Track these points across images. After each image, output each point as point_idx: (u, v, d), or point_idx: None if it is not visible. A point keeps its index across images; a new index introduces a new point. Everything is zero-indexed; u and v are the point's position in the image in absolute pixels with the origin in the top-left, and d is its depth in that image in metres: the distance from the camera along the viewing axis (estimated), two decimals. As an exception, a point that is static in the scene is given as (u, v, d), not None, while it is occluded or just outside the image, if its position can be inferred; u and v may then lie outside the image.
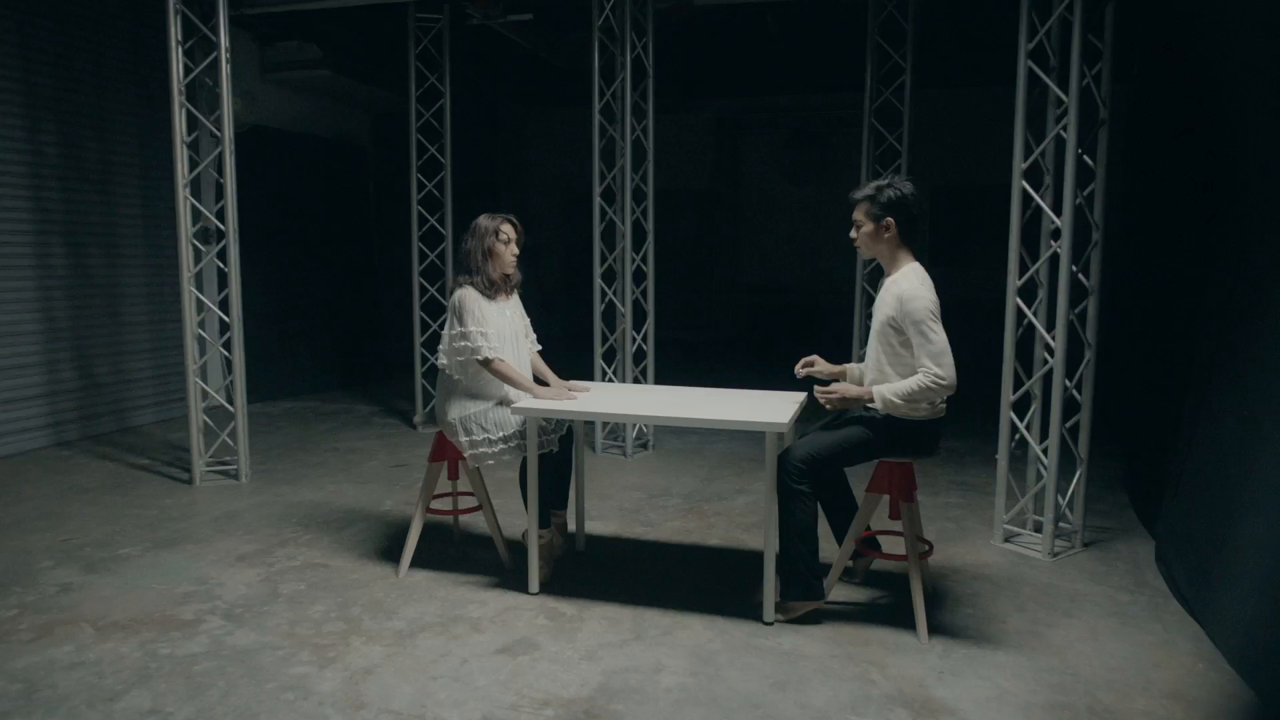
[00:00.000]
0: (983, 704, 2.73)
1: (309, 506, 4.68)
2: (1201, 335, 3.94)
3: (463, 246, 3.65)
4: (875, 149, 5.58)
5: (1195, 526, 3.50)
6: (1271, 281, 3.20)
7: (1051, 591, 3.59)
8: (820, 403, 3.22)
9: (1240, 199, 3.44)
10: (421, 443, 6.11)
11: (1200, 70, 3.70)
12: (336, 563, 3.89)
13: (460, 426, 3.59)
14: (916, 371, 3.08)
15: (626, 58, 5.40)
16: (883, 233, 3.18)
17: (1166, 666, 2.96)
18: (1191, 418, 3.82)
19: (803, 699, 2.77)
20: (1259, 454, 3.06)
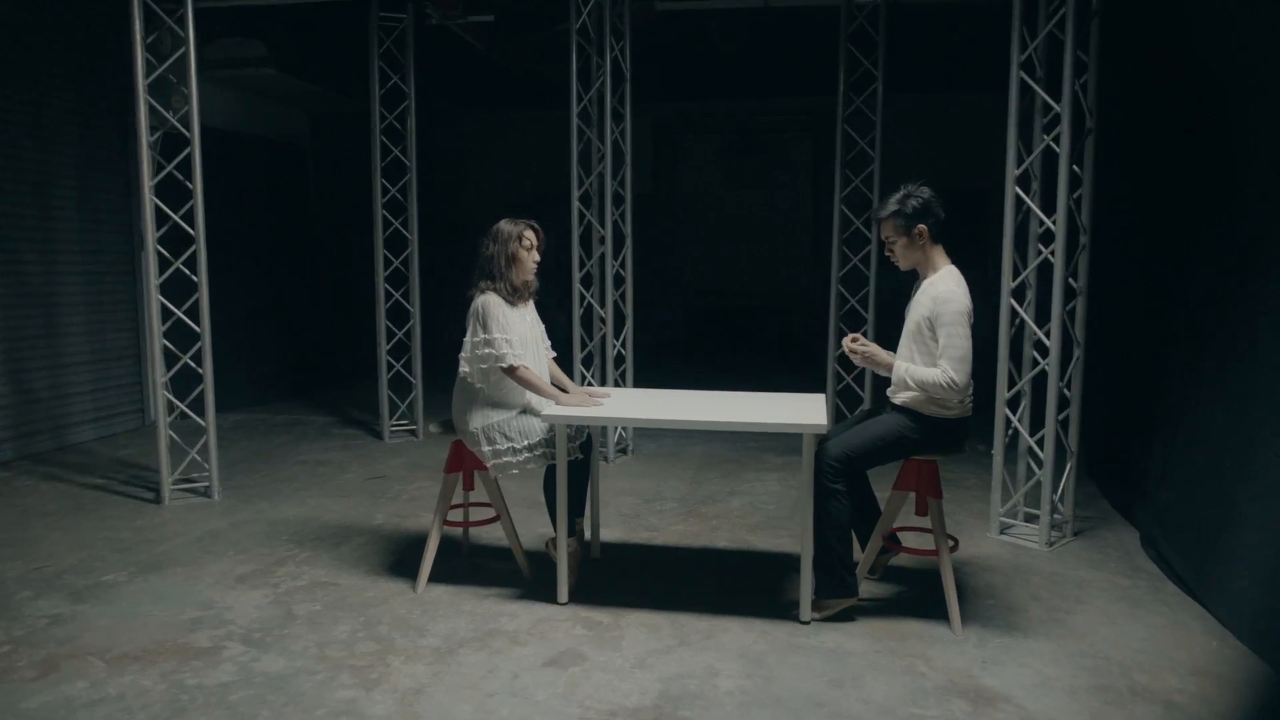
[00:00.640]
0: (1032, 690, 2.84)
1: (296, 523, 4.49)
2: (1175, 335, 4.18)
3: (483, 252, 3.58)
4: (846, 154, 5.71)
5: (1188, 514, 3.72)
6: (1260, 281, 3.43)
7: (1058, 580, 3.75)
8: (846, 351, 3.33)
9: (1234, 199, 3.67)
10: (391, 454, 5.95)
11: (1199, 71, 3.93)
12: (346, 580, 3.75)
13: (483, 436, 3.52)
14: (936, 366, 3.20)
15: (606, 60, 5.39)
16: (917, 240, 3.27)
17: (1184, 646, 3.14)
18: (1174, 413, 4.05)
19: (862, 694, 2.82)
20: (1257, 445, 3.27)
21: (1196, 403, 3.83)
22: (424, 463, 5.69)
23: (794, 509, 4.74)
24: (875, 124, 5.64)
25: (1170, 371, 4.20)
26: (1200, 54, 4.00)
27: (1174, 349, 4.18)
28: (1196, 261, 3.97)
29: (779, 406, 3.58)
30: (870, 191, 5.75)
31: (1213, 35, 3.95)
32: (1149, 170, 4.45)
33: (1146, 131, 4.32)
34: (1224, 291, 3.72)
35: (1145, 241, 4.44)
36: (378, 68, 6.03)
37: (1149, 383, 4.43)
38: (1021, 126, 4.13)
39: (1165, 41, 4.19)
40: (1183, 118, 4.08)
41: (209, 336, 4.84)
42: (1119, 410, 4.47)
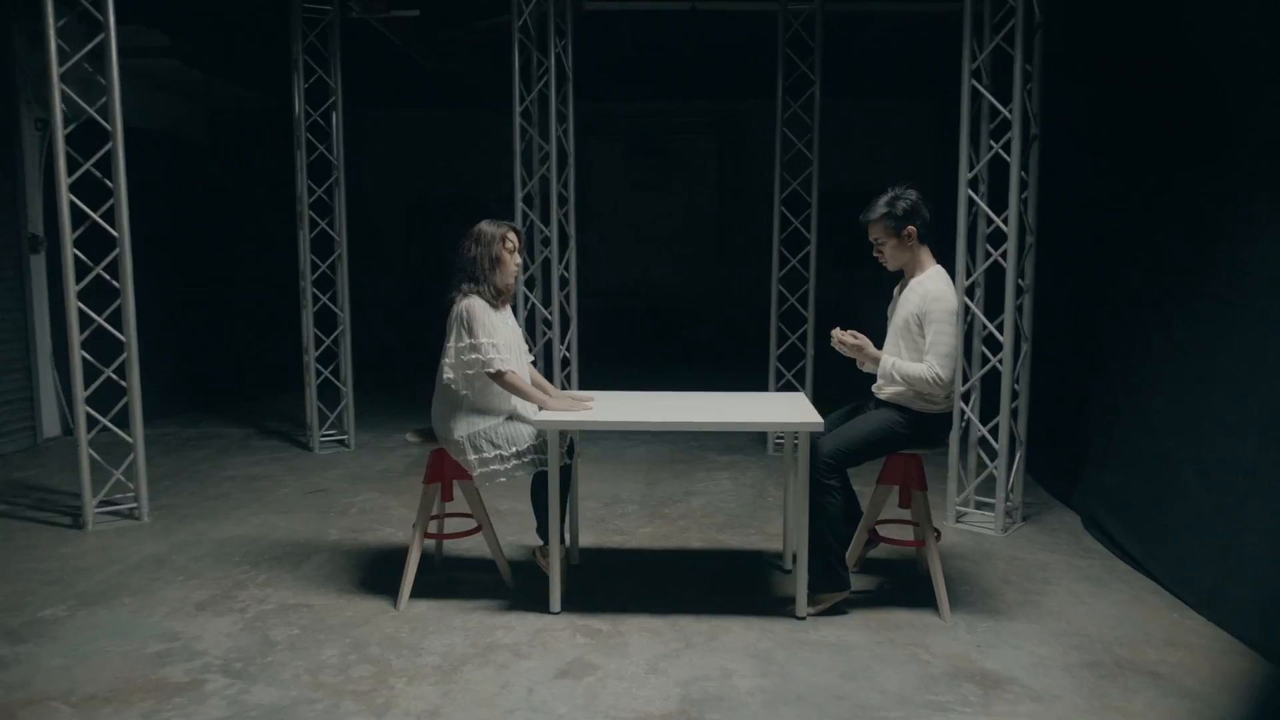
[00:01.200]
0: (1031, 670, 2.98)
1: (244, 543, 4.23)
2: (1109, 332, 4.46)
3: (464, 254, 3.46)
4: (784, 155, 5.83)
5: (1133, 495, 3.98)
6: (1199, 280, 3.71)
7: (1021, 564, 3.95)
8: (835, 341, 3.43)
9: (1169, 199, 3.96)
10: (324, 465, 5.67)
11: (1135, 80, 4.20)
12: (318, 601, 3.56)
13: (468, 444, 3.41)
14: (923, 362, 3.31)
15: (551, 59, 5.31)
16: (906, 241, 3.37)
17: (1150, 620, 3.36)
18: (1112, 403, 4.32)
19: (877, 685, 2.89)
20: (1205, 425, 3.54)
21: (1136, 393, 4.10)
22: (363, 474, 5.46)
23: (755, 507, 4.81)
24: (812, 127, 5.77)
25: (1104, 366, 4.48)
26: (1137, 63, 4.29)
27: (1108, 344, 4.47)
28: (1131, 259, 4.25)
29: (765, 406, 3.62)
30: (809, 195, 5.88)
31: (1141, 47, 4.25)
32: (1088, 174, 4.73)
33: (1086, 137, 4.60)
34: (1162, 289, 4.00)
35: (1083, 241, 4.72)
36: (302, 62, 5.73)
37: (1081, 377, 4.71)
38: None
39: (1104, 52, 4.47)
40: (1120, 124, 4.37)
41: (135, 346, 4.49)
42: (1053, 403, 4.73)
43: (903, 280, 3.53)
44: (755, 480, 5.33)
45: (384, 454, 5.95)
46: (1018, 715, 2.70)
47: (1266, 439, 3.20)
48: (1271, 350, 3.24)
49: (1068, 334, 4.76)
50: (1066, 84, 4.33)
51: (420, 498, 3.60)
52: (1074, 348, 4.76)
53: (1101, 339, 4.53)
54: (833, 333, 3.45)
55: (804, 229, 5.89)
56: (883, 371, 3.39)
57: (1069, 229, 4.75)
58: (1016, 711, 2.72)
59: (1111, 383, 4.38)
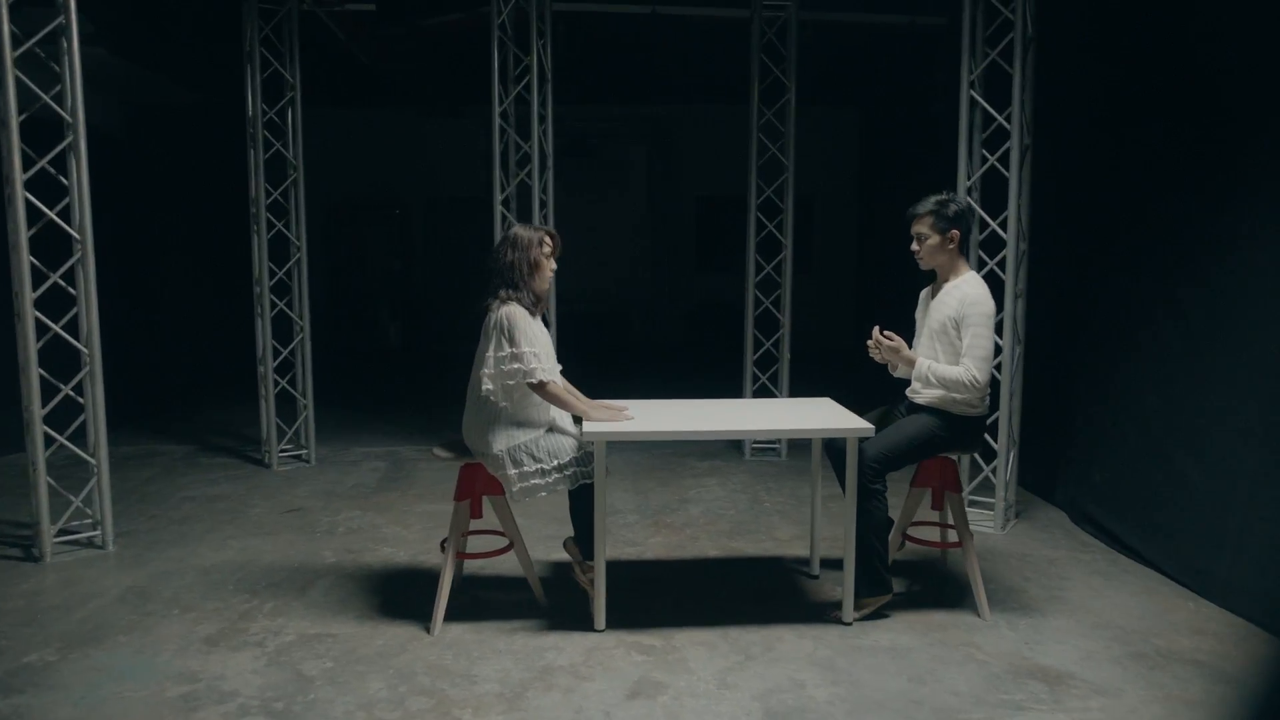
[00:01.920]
0: (1084, 664, 3.06)
1: (232, 570, 3.92)
2: (1092, 340, 4.66)
3: (501, 259, 3.32)
4: (759, 159, 5.86)
5: (1128, 489, 4.17)
6: (1188, 285, 3.92)
7: (1031, 560, 4.07)
8: (872, 343, 3.42)
9: (1155, 207, 4.17)
10: (289, 483, 5.34)
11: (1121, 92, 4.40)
12: (340, 629, 3.33)
13: (508, 458, 3.26)
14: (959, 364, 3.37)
15: (534, 58, 5.17)
16: (947, 244, 3.41)
17: (1170, 610, 3.52)
18: (1098, 405, 4.52)
19: (947, 687, 2.91)
20: (1206, 421, 3.74)
21: (1126, 391, 4.30)
22: (335, 491, 5.17)
23: (755, 513, 4.80)
24: (787, 134, 5.82)
25: (1086, 366, 4.69)
26: (1125, 73, 4.51)
27: (1090, 345, 4.67)
28: (1114, 262, 4.45)
29: (801, 412, 3.60)
30: (782, 201, 5.93)
31: (1128, 57, 4.47)
32: (1073, 180, 4.91)
33: (1077, 147, 4.79)
34: (1147, 290, 4.21)
35: (1065, 245, 4.91)
36: (260, 54, 5.39)
37: (1062, 377, 4.91)
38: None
39: (1093, 62, 4.67)
40: (1108, 131, 4.57)
41: (99, 357, 4.12)
42: (1033, 402, 4.91)
43: (933, 284, 3.58)
44: (743, 485, 5.32)
45: (349, 469, 5.66)
46: (1090, 710, 2.77)
47: (1268, 433, 3.41)
48: (1264, 347, 3.46)
49: (1047, 336, 4.95)
50: (1055, 93, 4.50)
51: (451, 516, 3.42)
52: (1053, 349, 4.96)
53: (1083, 340, 4.73)
54: (873, 331, 3.45)
55: (778, 233, 5.92)
56: (918, 374, 3.43)
57: (1052, 234, 4.93)
58: (1088, 706, 2.80)
59: (1096, 382, 4.57)
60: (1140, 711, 2.76)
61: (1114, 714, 2.75)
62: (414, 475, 5.50)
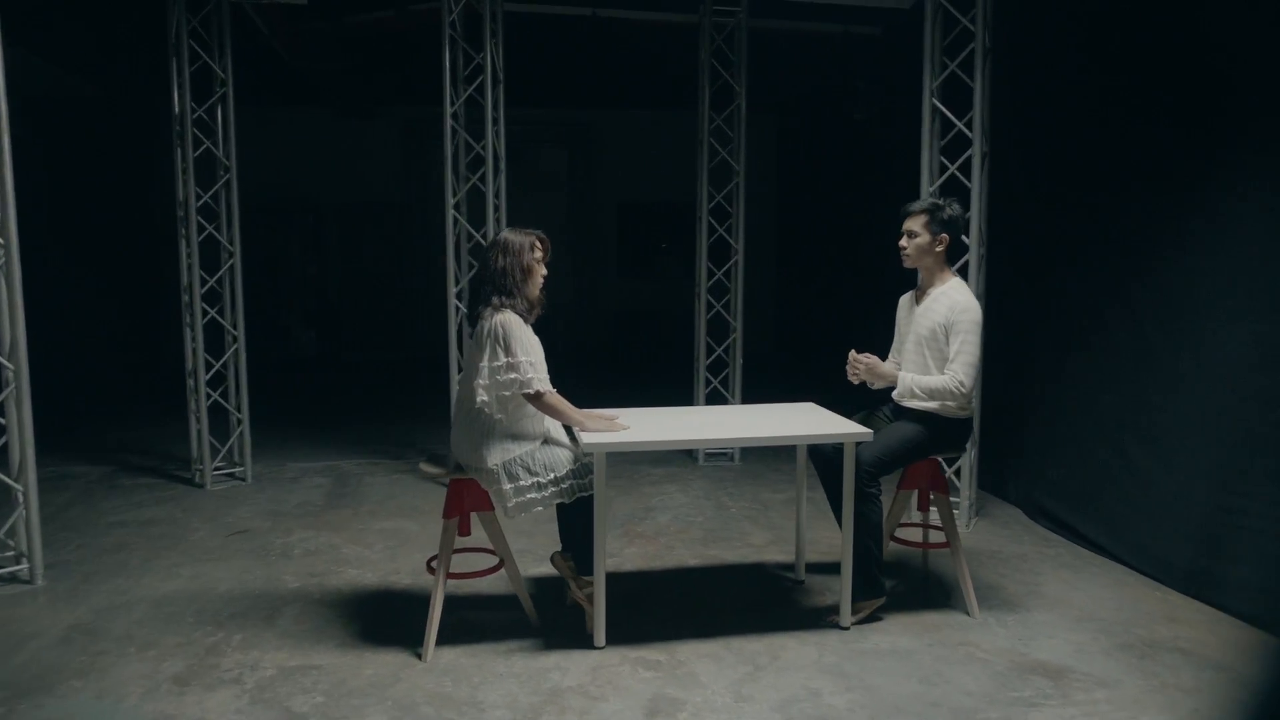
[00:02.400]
0: (1079, 657, 3.15)
1: (186, 601, 3.64)
2: (1043, 343, 4.83)
3: (491, 266, 3.18)
4: (709, 162, 5.85)
5: (1087, 486, 4.33)
6: (1140, 288, 4.11)
7: (1000, 557, 4.18)
8: (850, 368, 3.44)
9: (1105, 207, 4.35)
10: (226, 503, 5.00)
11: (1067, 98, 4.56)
12: (322, 660, 3.13)
13: (504, 473, 3.12)
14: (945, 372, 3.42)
15: (487, 58, 5.02)
16: (935, 246, 3.45)
17: (1142, 600, 3.67)
18: (1049, 405, 4.68)
19: (959, 687, 2.94)
20: (1156, 420, 3.93)
21: (1078, 390, 4.47)
22: (280, 510, 4.88)
23: (723, 519, 4.78)
24: (736, 139, 5.84)
25: (1037, 366, 4.85)
26: (1076, 83, 4.69)
27: (1040, 346, 4.84)
28: (1067, 269, 4.63)
29: (793, 417, 3.58)
30: (730, 206, 5.94)
31: (1077, 69, 4.65)
32: (1030, 185, 5.04)
33: (1028, 151, 4.93)
34: (1095, 292, 4.39)
35: (1013, 249, 5.07)
36: (188, 47, 5.04)
37: (1011, 378, 5.07)
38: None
39: (1044, 72, 4.82)
40: (1060, 140, 4.74)
41: (26, 373, 3.76)
42: (985, 405, 5.05)
43: (916, 291, 3.63)
44: (704, 492, 5.29)
45: (290, 486, 5.35)
46: (1097, 703, 2.85)
47: (1221, 426, 3.60)
48: (1213, 344, 3.66)
49: (998, 338, 5.09)
50: (1007, 98, 4.63)
51: (443, 535, 3.25)
52: (1003, 349, 5.11)
53: (1034, 340, 4.89)
54: (850, 355, 3.46)
55: (728, 236, 5.93)
56: (902, 390, 3.43)
57: (1004, 236, 5.07)
58: (1094, 699, 2.87)
59: (1048, 381, 4.74)
60: (1143, 702, 2.85)
61: (1119, 705, 2.83)
62: (362, 491, 5.25)
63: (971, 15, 4.37)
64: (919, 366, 3.51)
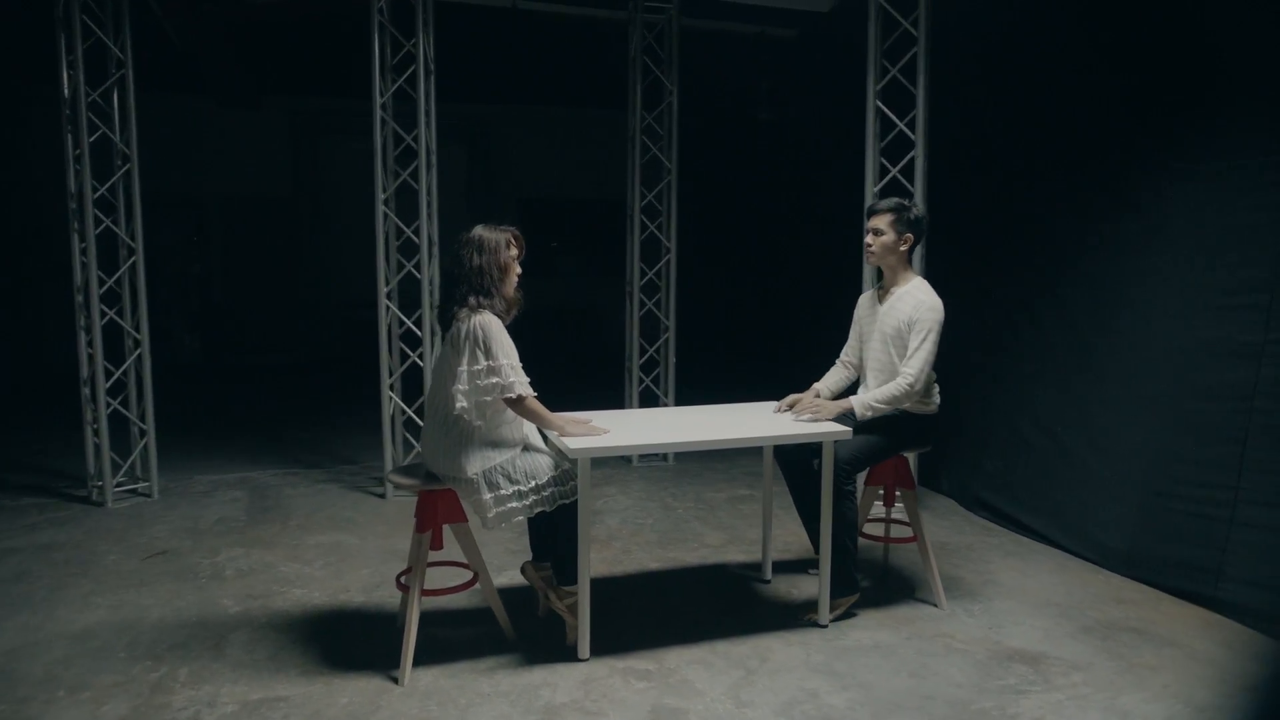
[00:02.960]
0: (1048, 642, 3.26)
1: (113, 633, 3.29)
2: (977, 344, 4.99)
3: (467, 264, 3.01)
4: (641, 158, 5.79)
5: (1025, 477, 4.51)
6: (1072, 289, 4.32)
7: (952, 548, 4.29)
8: (799, 418, 3.42)
9: (1040, 213, 4.54)
10: (132, 522, 4.57)
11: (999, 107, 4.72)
12: (288, 690, 2.89)
13: (484, 482, 2.97)
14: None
15: (420, 48, 4.78)
16: (899, 245, 3.50)
17: (1087, 584, 3.84)
18: (980, 397, 4.85)
19: (946, 679, 2.99)
20: (1092, 411, 4.13)
21: (1014, 385, 4.65)
22: (198, 528, 4.51)
23: (673, 521, 4.73)
24: (666, 136, 5.80)
25: (969, 362, 5.02)
26: (1007, 88, 4.86)
27: (974, 343, 5.00)
28: (1003, 267, 4.80)
29: (767, 417, 3.54)
30: (660, 204, 5.90)
31: (1007, 74, 4.83)
32: (965, 187, 5.18)
33: (965, 153, 5.07)
34: (1028, 289, 4.58)
35: (953, 248, 5.22)
36: (80, 21, 4.58)
37: (946, 377, 5.22)
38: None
39: (979, 75, 4.98)
40: (991, 141, 4.91)
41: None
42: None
43: (879, 289, 3.67)
44: (646, 493, 5.23)
45: (203, 501, 4.96)
46: (1077, 685, 2.95)
47: (1154, 414, 3.82)
48: (1144, 339, 3.88)
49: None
50: (946, 103, 4.76)
51: (414, 549, 3.07)
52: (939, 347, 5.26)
53: (968, 338, 5.04)
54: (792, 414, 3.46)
55: (659, 233, 5.89)
56: (861, 414, 3.38)
57: (938, 236, 5.22)
58: (1074, 682, 2.97)
59: (983, 377, 4.91)
60: (1118, 683, 2.98)
61: (1098, 687, 2.94)
62: (285, 504, 4.91)
63: (913, 18, 4.48)
64: (884, 364, 3.55)
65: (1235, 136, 3.60)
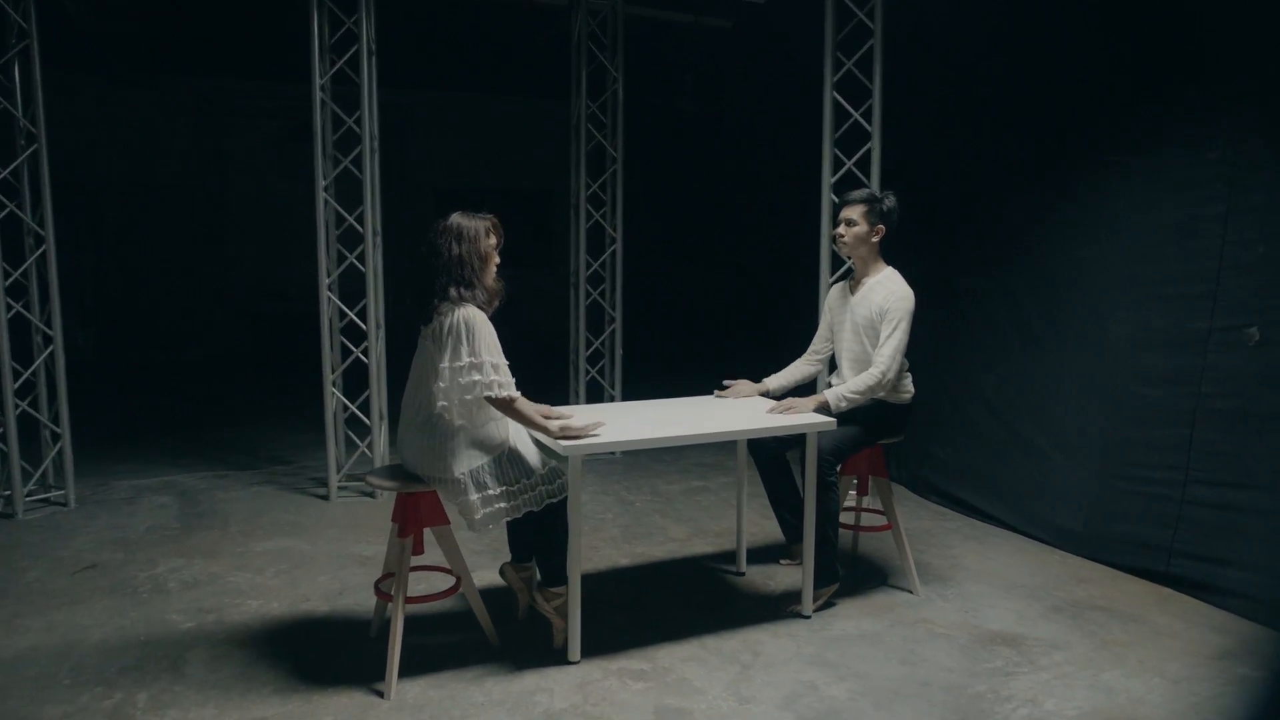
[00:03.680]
0: (1024, 624, 3.35)
1: (53, 658, 3.01)
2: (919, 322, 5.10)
3: (445, 254, 2.84)
4: (587, 145, 5.67)
5: (976, 463, 4.63)
6: (1021, 280, 4.45)
7: (914, 534, 4.29)
8: (773, 411, 3.40)
9: (996, 211, 4.65)
10: (51, 533, 4.20)
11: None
12: (265, 711, 2.69)
13: (471, 482, 2.84)
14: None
15: (362, 28, 4.54)
16: (872, 236, 3.51)
17: (1048, 565, 3.96)
18: (931, 387, 4.94)
19: (936, 663, 3.03)
20: (1041, 399, 4.27)
21: (966, 374, 4.76)
22: (127, 537, 4.18)
23: (634, 515, 4.66)
24: (611, 124, 5.70)
25: (923, 357, 5.09)
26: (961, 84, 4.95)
27: (926, 341, 5.04)
28: (953, 261, 4.90)
29: (751, 411, 3.49)
30: (604, 194, 5.81)
31: (960, 73, 4.92)
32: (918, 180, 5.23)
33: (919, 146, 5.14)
34: (987, 286, 4.70)
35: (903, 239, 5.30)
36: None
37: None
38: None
39: (932, 69, 5.05)
40: (950, 138, 5.00)
41: None
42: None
43: (850, 281, 3.68)
44: (600, 487, 5.14)
45: (126, 509, 4.61)
46: (1059, 664, 3.03)
47: (1108, 405, 3.97)
48: (1093, 329, 4.03)
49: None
50: (900, 98, 4.82)
51: (396, 555, 2.90)
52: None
53: (915, 327, 5.13)
54: (767, 413, 3.42)
55: (604, 222, 5.80)
56: (836, 406, 3.38)
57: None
58: (1056, 661, 3.06)
59: (933, 367, 5.00)
60: (1096, 660, 3.07)
61: (1080, 665, 3.03)
62: (220, 509, 4.61)
63: (868, 9, 4.51)
64: (857, 354, 3.57)
65: (1172, 133, 3.76)
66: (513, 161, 10.91)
